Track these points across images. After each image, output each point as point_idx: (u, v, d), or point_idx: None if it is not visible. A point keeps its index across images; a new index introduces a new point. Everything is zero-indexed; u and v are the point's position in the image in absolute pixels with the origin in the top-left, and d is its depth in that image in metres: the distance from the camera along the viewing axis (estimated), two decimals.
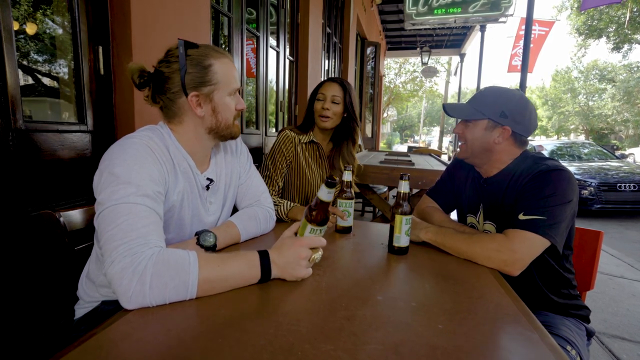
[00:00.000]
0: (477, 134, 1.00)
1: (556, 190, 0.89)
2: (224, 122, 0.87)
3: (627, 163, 5.94)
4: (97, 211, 0.68)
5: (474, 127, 1.01)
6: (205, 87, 0.82)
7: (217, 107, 0.85)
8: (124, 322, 0.55)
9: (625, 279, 2.74)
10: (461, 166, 1.19)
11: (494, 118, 0.98)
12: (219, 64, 0.84)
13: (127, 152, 0.72)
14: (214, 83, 0.83)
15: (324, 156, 1.51)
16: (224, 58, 0.86)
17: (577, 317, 1.04)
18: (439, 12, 5.28)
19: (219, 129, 0.88)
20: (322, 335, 0.54)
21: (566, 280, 1.03)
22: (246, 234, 0.98)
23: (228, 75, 0.85)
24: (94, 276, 0.85)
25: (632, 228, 4.50)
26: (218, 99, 0.85)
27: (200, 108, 0.84)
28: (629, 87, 19.33)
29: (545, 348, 0.54)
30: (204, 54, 0.83)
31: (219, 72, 0.84)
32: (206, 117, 0.85)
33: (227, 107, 0.87)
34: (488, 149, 1.01)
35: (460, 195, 1.19)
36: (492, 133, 0.99)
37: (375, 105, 8.25)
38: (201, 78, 0.82)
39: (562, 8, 15.80)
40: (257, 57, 2.65)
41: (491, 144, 1.00)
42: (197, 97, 0.83)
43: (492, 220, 1.06)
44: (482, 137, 1.00)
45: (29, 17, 1.16)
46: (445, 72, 19.06)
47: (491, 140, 1.00)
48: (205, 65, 0.82)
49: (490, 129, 0.99)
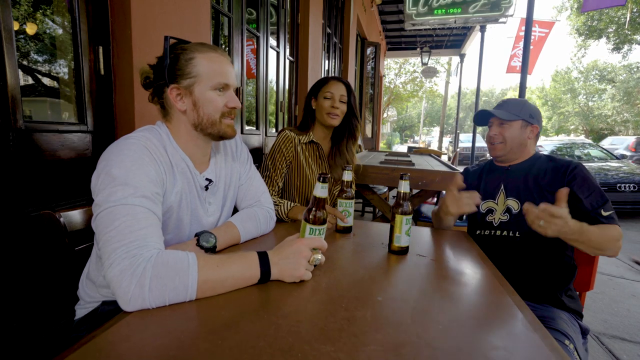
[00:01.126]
0: (515, 132, 1.21)
1: (597, 184, 1.10)
2: (207, 117, 0.84)
3: (626, 163, 5.94)
4: (95, 213, 0.67)
5: (510, 127, 1.21)
6: (184, 79, 0.82)
7: (197, 101, 0.83)
8: (124, 325, 0.55)
9: (625, 280, 2.74)
10: (467, 174, 1.37)
11: (526, 118, 1.20)
12: (203, 57, 0.82)
13: (124, 153, 0.72)
14: (194, 76, 0.82)
15: (323, 156, 1.51)
16: (211, 52, 0.84)
17: (571, 311, 1.11)
18: (439, 12, 5.28)
19: (202, 125, 0.85)
20: (322, 336, 0.54)
21: (571, 274, 1.15)
22: (246, 234, 0.98)
23: (212, 68, 0.83)
24: (94, 276, 0.84)
25: (632, 228, 4.50)
26: (198, 92, 0.83)
27: (181, 102, 0.83)
28: (629, 88, 19.33)
29: (546, 349, 0.54)
30: (189, 48, 0.83)
31: (200, 65, 0.82)
32: (188, 111, 0.84)
33: (210, 102, 0.84)
34: (523, 144, 1.22)
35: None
36: (526, 130, 1.21)
37: (375, 106, 8.25)
38: (180, 70, 0.81)
39: (562, 8, 15.81)
40: (257, 57, 2.65)
41: (525, 139, 1.22)
42: (178, 90, 0.82)
43: (514, 197, 1.21)
44: (519, 134, 1.21)
45: (29, 17, 1.15)
46: (445, 72, 19.06)
47: (525, 136, 1.22)
48: (187, 58, 0.82)
49: (524, 127, 1.21)
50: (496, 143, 1.24)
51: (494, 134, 1.24)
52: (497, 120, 1.24)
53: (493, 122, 1.26)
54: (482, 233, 1.24)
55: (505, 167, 1.27)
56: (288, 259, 0.72)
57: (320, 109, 1.45)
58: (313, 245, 0.75)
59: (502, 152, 1.24)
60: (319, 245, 0.76)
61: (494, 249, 1.15)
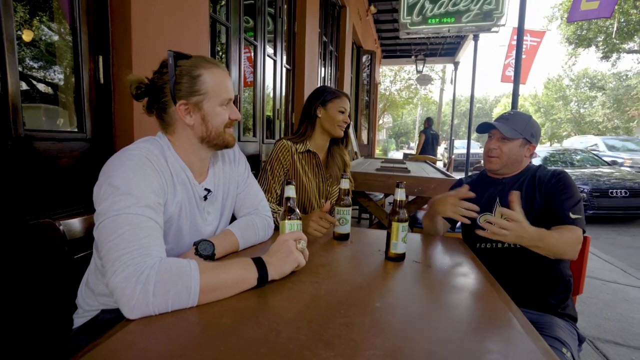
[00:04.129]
0: (514, 149, 1.23)
1: (578, 192, 1.14)
2: (214, 130, 0.88)
3: (618, 170, 6.04)
4: (97, 221, 0.68)
5: (511, 143, 1.23)
6: (194, 96, 0.84)
7: (206, 116, 0.86)
8: (127, 332, 0.56)
9: (618, 284, 2.77)
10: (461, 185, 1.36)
11: (527, 137, 1.23)
12: (209, 74, 0.85)
13: (125, 164, 0.73)
14: (203, 93, 0.84)
15: (320, 165, 1.53)
16: (215, 68, 0.87)
17: (567, 317, 1.13)
18: (433, 21, 5.37)
19: (210, 138, 0.88)
20: (321, 342, 0.55)
21: (567, 281, 1.17)
22: (245, 242, 0.99)
23: (219, 85, 0.86)
24: (93, 285, 0.85)
25: (625, 234, 4.56)
26: (208, 108, 0.86)
27: (189, 117, 0.85)
28: (619, 95, 19.72)
29: (539, 353, 0.56)
30: (194, 64, 0.85)
31: (209, 81, 0.85)
32: (196, 125, 0.86)
33: (218, 116, 0.88)
34: (518, 161, 1.25)
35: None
36: (524, 149, 1.24)
37: (371, 113, 8.32)
38: (190, 88, 0.83)
39: (553, 18, 16.16)
40: (254, 65, 2.68)
41: (522, 157, 1.25)
42: (186, 105, 0.84)
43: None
44: (517, 152, 1.24)
45: (30, 27, 1.17)
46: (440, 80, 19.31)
47: (522, 154, 1.25)
48: (194, 75, 0.84)
49: (523, 146, 1.24)
50: (493, 157, 1.25)
51: (493, 147, 1.25)
52: (499, 133, 1.23)
53: (494, 135, 1.26)
54: (484, 246, 1.24)
55: (499, 179, 1.28)
56: (278, 253, 0.79)
57: (330, 120, 1.50)
58: (294, 237, 0.82)
59: (497, 166, 1.25)
60: (298, 237, 0.83)
61: (494, 261, 1.16)
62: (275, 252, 0.79)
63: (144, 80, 0.88)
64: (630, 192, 4.90)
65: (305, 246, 0.84)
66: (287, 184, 0.97)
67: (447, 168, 5.52)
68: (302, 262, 0.81)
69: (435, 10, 5.32)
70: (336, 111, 1.50)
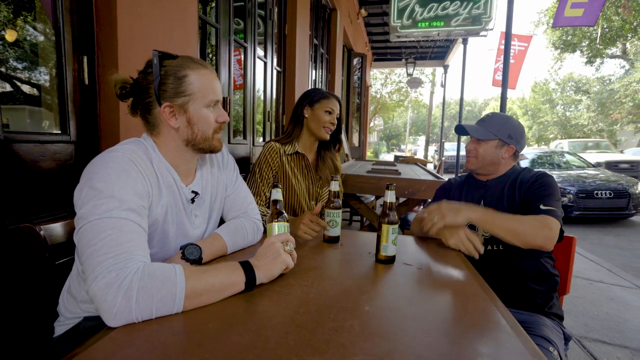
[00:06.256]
0: (489, 150, 1.24)
1: (557, 192, 1.14)
2: (201, 134, 0.85)
3: (602, 171, 6.19)
4: (78, 226, 0.66)
5: (486, 144, 1.24)
6: (179, 97, 0.81)
7: (192, 118, 0.83)
8: (108, 341, 0.54)
9: (604, 284, 2.83)
10: (450, 186, 1.42)
11: (503, 138, 1.22)
12: (195, 75, 0.82)
13: (109, 166, 0.71)
14: (189, 94, 0.82)
15: (309, 166, 1.52)
16: (202, 69, 0.84)
17: (554, 316, 1.15)
18: (423, 25, 5.44)
19: (195, 141, 0.86)
20: (310, 347, 0.54)
21: (554, 281, 1.19)
22: (233, 245, 0.97)
23: (205, 86, 0.83)
24: (75, 291, 0.82)
25: (610, 234, 4.67)
26: (193, 110, 0.83)
27: (174, 119, 0.83)
28: (602, 99, 20.26)
29: (528, 354, 0.56)
30: (180, 65, 0.82)
31: (195, 83, 0.82)
32: (181, 128, 0.84)
33: (204, 119, 0.85)
34: (496, 162, 1.26)
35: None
36: (501, 150, 1.24)
37: (362, 115, 8.36)
38: (175, 88, 0.81)
39: (539, 23, 16.57)
40: (244, 67, 2.66)
41: (499, 158, 1.25)
42: (171, 107, 0.82)
43: None
44: (493, 153, 1.24)
45: (10, 24, 1.14)
46: (430, 83, 19.54)
47: (499, 155, 1.25)
48: (180, 76, 0.81)
49: (499, 147, 1.24)
50: (470, 157, 1.29)
51: (470, 148, 1.29)
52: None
53: (472, 136, 1.29)
54: None
55: (483, 182, 1.31)
56: (266, 255, 0.77)
57: (316, 120, 1.49)
58: (281, 239, 0.81)
59: (474, 166, 1.29)
60: (286, 239, 0.82)
61: (480, 263, 1.17)
62: (263, 255, 0.78)
63: (129, 80, 0.86)
64: (615, 193, 5.03)
65: (294, 248, 0.83)
66: (273, 186, 0.97)
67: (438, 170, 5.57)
68: (290, 264, 0.80)
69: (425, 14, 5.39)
70: (322, 111, 1.48)
